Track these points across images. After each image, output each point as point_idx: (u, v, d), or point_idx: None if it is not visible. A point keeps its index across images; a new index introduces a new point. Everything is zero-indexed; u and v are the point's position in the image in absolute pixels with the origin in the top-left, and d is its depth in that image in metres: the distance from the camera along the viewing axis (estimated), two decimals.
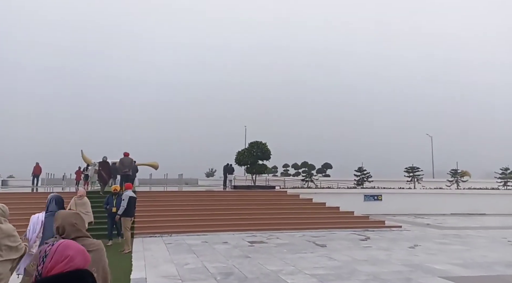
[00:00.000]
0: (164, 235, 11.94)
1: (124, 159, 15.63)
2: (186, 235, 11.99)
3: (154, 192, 16.14)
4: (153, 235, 11.83)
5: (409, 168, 23.76)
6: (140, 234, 11.75)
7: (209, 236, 11.97)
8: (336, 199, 18.42)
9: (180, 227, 12.51)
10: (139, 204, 13.64)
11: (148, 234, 11.88)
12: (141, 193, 15.10)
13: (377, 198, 20.87)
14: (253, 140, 20.05)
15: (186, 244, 10.45)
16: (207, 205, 14.45)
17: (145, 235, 11.77)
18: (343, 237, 12.03)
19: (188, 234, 12.14)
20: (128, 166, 15.60)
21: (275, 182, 23.78)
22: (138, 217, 12.61)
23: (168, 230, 12.17)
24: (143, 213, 13.07)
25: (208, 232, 12.38)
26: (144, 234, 11.82)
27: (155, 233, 11.93)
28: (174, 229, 12.28)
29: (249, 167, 19.83)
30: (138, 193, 14.88)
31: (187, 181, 34.47)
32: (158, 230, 12.15)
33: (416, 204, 20.84)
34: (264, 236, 12.07)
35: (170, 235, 11.95)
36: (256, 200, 15.57)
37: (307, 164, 37.77)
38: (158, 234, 11.95)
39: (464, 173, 29.32)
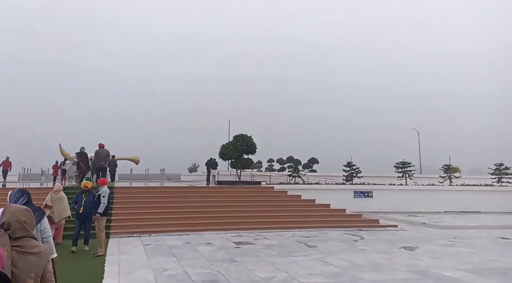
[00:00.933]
0: (143, 235, 10.84)
1: (99, 150, 14.68)
2: (166, 235, 10.93)
3: (132, 188, 14.93)
4: (130, 235, 10.71)
5: (400, 163, 23.36)
6: (116, 234, 10.61)
7: (191, 236, 10.96)
8: (324, 195, 17.74)
9: (160, 226, 11.43)
10: (116, 200, 12.47)
11: (126, 234, 10.75)
12: (118, 189, 13.88)
13: (367, 194, 20.34)
14: (238, 133, 19.03)
15: (166, 246, 9.41)
16: (189, 202, 13.41)
17: (121, 235, 10.64)
18: (336, 237, 11.29)
19: (169, 233, 11.09)
20: (104, 158, 14.60)
21: (261, 177, 22.92)
22: (114, 214, 11.46)
23: (147, 230, 11.08)
24: (120, 210, 11.92)
25: (190, 231, 11.37)
26: (121, 234, 10.69)
27: (133, 233, 10.82)
28: (154, 228, 11.20)
29: (233, 162, 18.83)
30: (114, 189, 13.66)
31: (169, 176, 33.19)
32: (136, 229, 11.04)
33: (408, 201, 20.42)
34: (250, 236, 11.17)
35: (149, 235, 10.86)
36: (241, 196, 14.64)
37: (293, 159, 37.09)
38: (136, 234, 10.84)
39: (455, 169, 29.28)
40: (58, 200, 8.71)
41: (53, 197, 8.79)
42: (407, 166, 23.29)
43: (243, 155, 18.54)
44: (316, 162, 37.14)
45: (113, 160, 20.52)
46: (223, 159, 19.35)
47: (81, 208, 8.14)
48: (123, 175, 23.56)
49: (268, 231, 11.97)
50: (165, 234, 11.01)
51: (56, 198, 8.79)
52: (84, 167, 14.98)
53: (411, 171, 23.40)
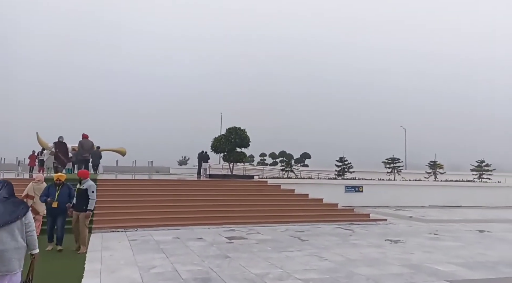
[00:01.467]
0: (129, 229, 10.40)
1: (84, 141, 13.96)
2: (154, 230, 10.52)
3: (118, 180, 14.40)
4: (115, 230, 10.26)
5: (389, 159, 23.42)
6: (100, 229, 10.13)
7: (181, 230, 10.58)
8: (316, 189, 17.68)
9: (148, 220, 11.00)
10: (100, 194, 11.95)
11: (110, 228, 10.28)
12: (102, 182, 13.35)
13: (358, 189, 20.33)
14: (231, 126, 18.61)
15: (154, 241, 9.01)
16: (179, 196, 12.99)
17: (105, 230, 10.17)
18: (329, 231, 11.09)
19: (157, 228, 10.68)
20: (88, 149, 13.96)
21: (253, 171, 22.62)
22: (98, 208, 10.95)
23: (134, 224, 10.64)
24: (104, 204, 11.41)
25: (180, 226, 10.98)
26: (104, 228, 10.21)
27: (117, 228, 10.36)
28: (141, 223, 10.76)
29: (226, 155, 18.43)
30: (98, 181, 13.13)
31: (158, 169, 32.55)
32: (121, 223, 10.58)
33: (396, 196, 20.54)
34: (243, 230, 10.87)
35: (136, 230, 10.43)
36: (233, 190, 14.30)
37: (285, 154, 36.87)
38: (122, 228, 10.39)
39: (440, 165, 29.70)
40: (40, 190, 8.26)
41: (35, 187, 8.43)
42: (396, 161, 23.37)
43: (236, 148, 18.16)
44: (308, 156, 37.03)
45: (97, 151, 19.67)
46: (215, 152, 18.93)
47: (56, 202, 7.32)
48: (109, 167, 22.87)
49: (261, 226, 11.68)
50: (153, 229, 10.59)
51: (38, 188, 8.36)
52: (63, 158, 14.12)
53: (400, 166, 23.50)
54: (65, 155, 14.19)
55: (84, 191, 7.63)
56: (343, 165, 22.40)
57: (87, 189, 7.66)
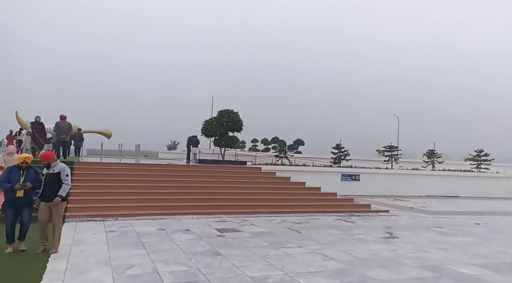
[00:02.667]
0: (108, 218, 9.26)
1: (60, 122, 12.94)
2: (137, 219, 9.41)
3: (99, 164, 13.10)
4: (92, 219, 9.10)
5: (387, 147, 22.60)
6: (74, 217, 8.96)
7: (167, 220, 9.50)
8: (311, 177, 16.81)
9: (130, 208, 9.87)
10: (76, 178, 10.75)
11: (86, 217, 9.11)
12: (80, 164, 12.08)
13: (355, 178, 19.51)
14: (223, 109, 17.35)
15: (135, 233, 7.92)
16: (166, 182, 11.84)
17: (81, 219, 9.00)
18: (329, 223, 10.17)
19: (140, 217, 9.56)
20: (65, 131, 12.98)
21: (245, 157, 21.58)
22: (73, 194, 9.78)
23: (114, 213, 9.49)
24: (81, 189, 10.21)
25: (166, 215, 9.89)
26: (80, 217, 9.05)
27: (95, 216, 9.19)
28: (122, 211, 9.63)
29: (217, 139, 17.24)
30: (75, 164, 11.88)
31: (146, 153, 31.15)
32: (100, 212, 9.42)
33: (393, 185, 19.83)
34: (236, 221, 9.85)
35: (116, 219, 9.30)
36: (225, 177, 13.21)
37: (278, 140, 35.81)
38: (100, 217, 9.23)
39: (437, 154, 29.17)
40: (11, 163, 7.61)
41: (6, 159, 7.99)
42: (393, 149, 22.57)
43: (228, 132, 16.96)
44: (301, 143, 35.97)
45: (79, 133, 18.58)
46: (206, 136, 17.70)
47: (21, 188, 5.86)
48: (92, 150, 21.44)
49: (254, 216, 10.69)
50: (135, 218, 9.48)
51: (10, 160, 7.80)
52: (41, 139, 13.05)
53: (398, 155, 22.74)
54: (42, 136, 13.18)
55: (56, 175, 6.20)
56: (340, 153, 21.50)
57: (59, 172, 6.23)
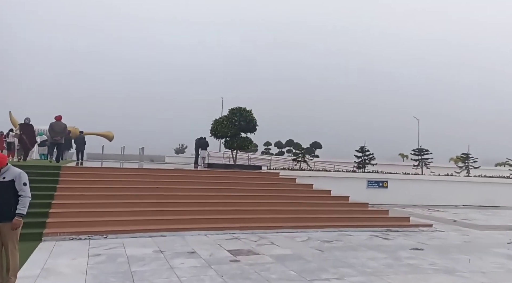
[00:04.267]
0: (95, 236, 7.58)
1: (55, 123, 12.05)
2: (130, 237, 7.71)
3: (90, 168, 11.48)
4: (75, 237, 7.42)
5: (416, 150, 20.43)
6: (55, 235, 7.30)
7: (167, 238, 7.77)
8: (333, 184, 14.90)
9: (123, 223, 8.18)
10: (61, 186, 9.16)
11: (69, 234, 7.45)
12: (67, 169, 10.49)
13: (382, 184, 17.49)
14: (235, 106, 15.64)
15: (125, 258, 6.20)
16: (168, 190, 10.14)
17: (62, 236, 7.34)
18: (366, 242, 8.25)
19: (134, 234, 7.86)
20: (60, 132, 12.11)
21: (259, 161, 19.81)
22: (55, 206, 8.20)
23: (104, 229, 7.80)
24: (65, 200, 8.59)
25: (167, 231, 8.16)
26: (61, 234, 7.39)
27: (79, 234, 7.51)
28: (113, 227, 7.93)
29: (228, 140, 15.51)
30: (62, 169, 10.31)
31: (152, 157, 29.76)
32: (87, 227, 7.75)
33: (425, 193, 17.71)
34: (252, 239, 8.04)
35: (105, 237, 7.61)
36: (238, 184, 11.43)
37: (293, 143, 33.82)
38: (86, 235, 7.55)
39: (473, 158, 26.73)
40: None
41: None
42: (424, 153, 20.39)
43: (240, 132, 15.23)
44: (319, 146, 33.72)
45: (81, 136, 17.53)
46: (216, 137, 16.02)
47: None
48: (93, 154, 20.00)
49: (274, 232, 8.87)
50: (130, 235, 7.77)
51: None
52: (28, 142, 12.36)
53: (428, 159, 20.55)
54: (30, 138, 12.40)
55: (8, 184, 4.46)
56: (364, 156, 19.46)
57: (13, 180, 4.50)
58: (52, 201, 8.34)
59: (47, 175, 9.67)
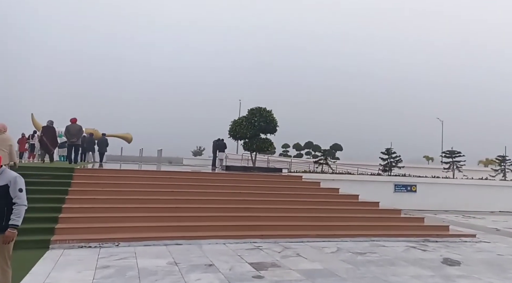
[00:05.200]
0: (107, 243, 7.02)
1: (70, 126, 12.48)
2: (144, 245, 7.12)
3: (104, 171, 11.05)
4: (85, 245, 6.89)
5: (447, 152, 19.08)
6: (63, 242, 6.80)
7: (183, 247, 7.13)
8: (357, 187, 14.06)
9: (137, 229, 7.62)
10: (73, 189, 8.73)
11: (79, 242, 6.93)
12: (81, 171, 10.06)
13: (410, 188, 16.35)
14: (254, 107, 14.94)
15: (135, 271, 5.58)
16: (185, 194, 9.53)
17: (71, 244, 6.83)
18: (403, 255, 7.31)
19: (148, 242, 7.26)
20: (75, 134, 12.34)
21: (278, 164, 19.04)
22: (65, 210, 7.73)
23: (116, 236, 7.25)
24: (76, 204, 8.12)
25: (183, 238, 7.52)
26: (71, 242, 6.88)
27: (90, 241, 6.98)
28: (127, 233, 7.38)
29: (247, 142, 14.82)
30: (75, 171, 9.90)
31: (170, 159, 29.59)
32: (98, 234, 7.22)
33: (456, 198, 16.45)
34: (275, 249, 7.28)
35: (117, 245, 7.04)
36: (258, 188, 10.69)
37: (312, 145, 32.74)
38: (96, 242, 7.01)
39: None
40: (0, 142, 7.23)
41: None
42: (455, 155, 18.98)
43: (260, 133, 14.51)
44: (339, 148, 32.43)
45: (103, 138, 17.62)
46: (234, 138, 15.36)
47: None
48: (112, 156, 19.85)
49: (299, 241, 8.08)
50: (143, 243, 7.18)
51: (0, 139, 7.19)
52: (49, 144, 12.41)
53: (460, 161, 19.12)
54: (51, 140, 12.55)
55: (2, 190, 3.78)
56: (390, 158, 18.31)
57: (7, 185, 3.80)
58: (63, 205, 7.88)
59: (60, 178, 9.30)
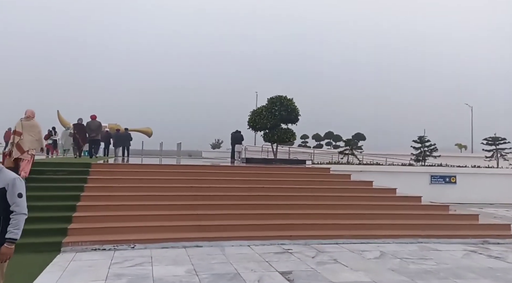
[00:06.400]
0: (121, 245, 6.36)
1: (90, 122, 13.39)
2: (162, 247, 6.41)
3: (121, 166, 10.39)
4: (99, 247, 6.26)
5: (490, 139, 17.37)
6: (75, 245, 6.19)
7: (204, 250, 6.36)
8: (389, 179, 12.90)
9: (154, 229, 6.92)
10: (89, 185, 8.17)
11: (92, 244, 6.30)
12: (98, 166, 9.45)
13: (449, 180, 14.98)
14: (275, 95, 13.94)
15: (150, 280, 4.83)
16: (205, 190, 8.74)
17: (84, 247, 6.21)
18: (466, 262, 6.18)
19: (166, 243, 6.55)
20: (95, 129, 13.36)
21: (300, 155, 18.03)
22: (80, 209, 7.16)
23: (131, 237, 6.57)
24: (91, 201, 7.51)
25: (203, 240, 6.76)
26: (83, 244, 6.25)
27: (104, 243, 6.34)
28: (143, 234, 6.69)
29: (268, 133, 13.88)
30: (93, 166, 9.32)
31: (190, 152, 29.24)
32: (112, 235, 6.57)
33: (503, 190, 14.92)
34: (307, 253, 6.38)
35: (133, 247, 6.37)
36: (282, 182, 9.74)
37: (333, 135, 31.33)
38: (111, 244, 6.35)
39: None
40: (29, 128, 7.67)
41: (24, 124, 7.74)
42: (499, 142, 17.23)
43: (280, 123, 13.54)
44: (362, 138, 30.81)
45: (127, 133, 17.82)
46: (254, 129, 14.48)
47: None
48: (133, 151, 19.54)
49: (333, 243, 7.14)
50: (161, 245, 6.47)
51: (28, 125, 7.71)
52: (81, 140, 13.38)
53: (505, 149, 17.36)
54: (82, 137, 13.50)
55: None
56: (423, 147, 16.86)
57: (4, 189, 3.02)
58: (78, 203, 7.29)
59: (76, 173, 8.70)
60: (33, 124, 7.80)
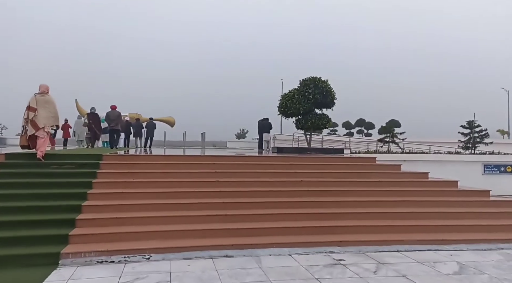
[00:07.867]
0: (133, 257, 5.27)
1: (110, 112, 13.28)
2: (183, 258, 5.28)
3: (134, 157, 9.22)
4: (106, 259, 5.19)
5: None
6: (78, 256, 5.14)
7: (235, 261, 5.18)
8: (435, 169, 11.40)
9: (174, 234, 5.79)
10: (98, 180, 7.13)
11: (97, 255, 5.24)
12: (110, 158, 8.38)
13: (504, 169, 13.10)
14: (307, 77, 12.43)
15: None
16: (232, 185, 7.50)
17: (88, 259, 5.16)
18: None
19: (188, 253, 5.41)
20: (114, 119, 13.21)
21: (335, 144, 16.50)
22: (86, 209, 6.10)
23: (146, 245, 5.47)
24: (99, 200, 6.48)
25: (233, 248, 5.57)
26: (88, 255, 5.20)
27: (112, 253, 5.26)
28: (160, 241, 5.58)
29: (300, 119, 12.45)
30: (103, 158, 8.30)
31: (214, 143, 28.35)
32: (123, 243, 5.50)
33: None
34: (364, 266, 5.04)
35: (148, 258, 5.27)
36: (321, 174, 8.30)
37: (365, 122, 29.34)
38: (121, 254, 5.27)
39: None
40: (44, 103, 7.36)
41: (38, 99, 7.38)
42: None
43: (314, 108, 12.07)
44: (397, 125, 28.51)
45: (151, 122, 17.53)
46: (285, 115, 13.10)
47: None
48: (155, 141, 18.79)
49: (392, 250, 5.77)
50: (182, 255, 5.34)
51: (42, 100, 7.37)
52: (96, 129, 13.42)
53: None
54: (97, 126, 13.53)
55: None
56: (473, 133, 14.87)
57: None
58: (83, 202, 6.25)
59: (84, 167, 7.63)
60: (48, 100, 7.45)
